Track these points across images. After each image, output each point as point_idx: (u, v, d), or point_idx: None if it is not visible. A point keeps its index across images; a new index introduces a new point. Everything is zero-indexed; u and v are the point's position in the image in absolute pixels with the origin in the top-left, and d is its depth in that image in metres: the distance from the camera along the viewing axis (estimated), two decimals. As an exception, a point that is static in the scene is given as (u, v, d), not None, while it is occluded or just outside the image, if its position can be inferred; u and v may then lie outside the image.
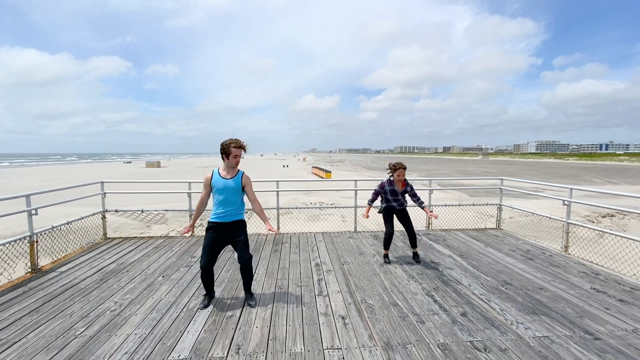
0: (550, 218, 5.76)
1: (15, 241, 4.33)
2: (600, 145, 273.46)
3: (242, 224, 3.52)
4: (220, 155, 3.40)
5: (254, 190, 3.57)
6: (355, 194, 6.86)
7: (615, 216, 13.63)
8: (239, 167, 3.55)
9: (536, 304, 3.53)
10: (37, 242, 4.60)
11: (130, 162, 71.92)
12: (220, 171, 3.45)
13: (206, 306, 3.46)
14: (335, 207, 7.72)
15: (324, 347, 2.74)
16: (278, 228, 6.64)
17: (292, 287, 3.96)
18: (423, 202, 4.78)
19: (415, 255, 4.89)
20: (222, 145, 3.36)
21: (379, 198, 4.90)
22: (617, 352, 2.69)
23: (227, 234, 3.44)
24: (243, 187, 3.46)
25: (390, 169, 4.73)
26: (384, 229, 4.77)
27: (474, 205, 6.98)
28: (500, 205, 6.90)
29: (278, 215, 6.70)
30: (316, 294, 3.79)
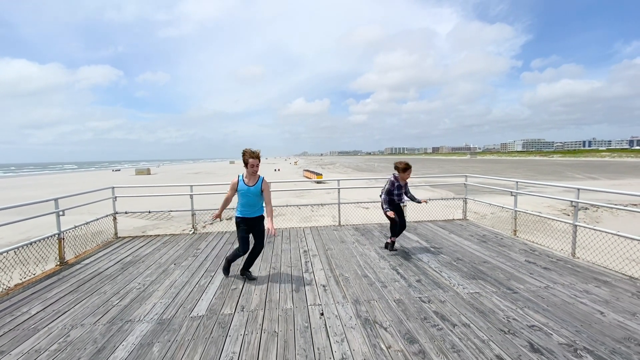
0: (502, 208, 6.73)
1: (47, 238, 5.09)
2: (584, 142, 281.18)
3: (261, 218, 4.34)
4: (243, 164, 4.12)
5: (270, 192, 4.31)
6: (339, 192, 7.75)
7: (588, 209, 14.81)
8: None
9: (477, 272, 4.45)
10: (63, 239, 5.36)
11: (119, 170, 71.49)
12: (244, 178, 4.19)
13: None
14: (323, 205, 8.58)
15: (308, 304, 3.62)
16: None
17: (283, 268, 4.82)
18: (409, 196, 5.48)
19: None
20: (242, 155, 4.06)
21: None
22: (527, 300, 3.62)
23: (250, 225, 4.27)
24: (262, 191, 4.23)
25: (398, 168, 5.25)
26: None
27: (442, 199, 7.93)
28: (465, 198, 7.88)
29: (271, 215, 7.52)
30: (303, 271, 4.66)
